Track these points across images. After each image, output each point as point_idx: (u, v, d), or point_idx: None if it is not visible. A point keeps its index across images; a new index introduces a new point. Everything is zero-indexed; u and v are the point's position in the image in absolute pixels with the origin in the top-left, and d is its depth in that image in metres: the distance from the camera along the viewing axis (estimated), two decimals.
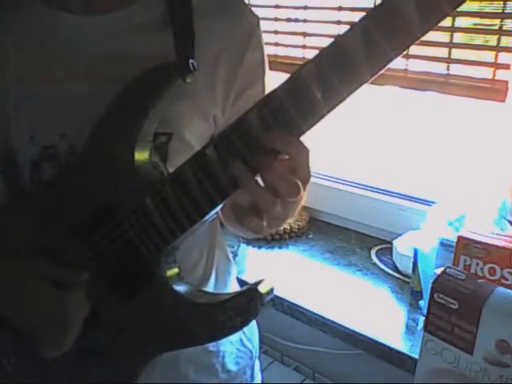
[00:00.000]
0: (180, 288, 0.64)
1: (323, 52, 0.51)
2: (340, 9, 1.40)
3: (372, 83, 0.52)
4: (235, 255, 1.40)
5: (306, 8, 1.48)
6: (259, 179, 0.56)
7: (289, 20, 1.53)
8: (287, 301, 1.22)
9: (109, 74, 0.66)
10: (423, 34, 0.48)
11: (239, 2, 0.76)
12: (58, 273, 0.65)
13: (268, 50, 0.77)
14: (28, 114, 0.68)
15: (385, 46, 0.49)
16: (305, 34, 1.51)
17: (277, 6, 1.54)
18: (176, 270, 0.66)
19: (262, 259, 1.42)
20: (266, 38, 0.76)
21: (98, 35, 0.68)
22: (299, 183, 0.54)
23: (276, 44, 1.57)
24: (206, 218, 0.60)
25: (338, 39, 0.51)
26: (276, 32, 1.56)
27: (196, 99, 0.69)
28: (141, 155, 0.64)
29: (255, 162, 0.54)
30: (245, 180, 0.55)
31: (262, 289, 0.60)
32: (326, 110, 0.52)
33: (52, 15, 0.69)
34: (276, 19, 1.55)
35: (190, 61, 0.64)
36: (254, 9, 0.76)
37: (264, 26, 0.76)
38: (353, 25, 0.50)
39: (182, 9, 0.69)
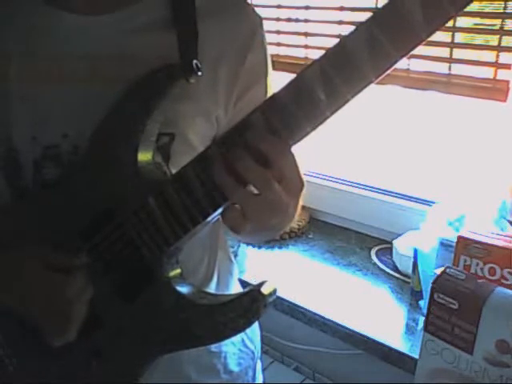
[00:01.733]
0: (182, 289, 0.64)
1: (327, 53, 0.51)
2: (342, 9, 1.40)
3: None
4: (235, 255, 1.40)
5: (307, 8, 1.48)
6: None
7: (290, 20, 1.53)
8: (287, 301, 1.22)
9: (111, 74, 0.66)
10: (428, 35, 0.48)
11: (242, 2, 0.76)
12: (55, 256, 0.64)
13: (270, 50, 0.76)
14: (30, 114, 0.68)
15: (389, 48, 0.49)
16: (307, 34, 1.50)
17: (278, 6, 1.54)
18: (178, 271, 0.66)
19: (262, 259, 1.42)
20: (267, 37, 0.75)
21: (99, 35, 0.68)
22: (283, 194, 0.54)
23: (278, 44, 1.57)
24: (209, 219, 0.60)
25: (343, 41, 0.51)
26: (278, 32, 1.56)
27: (198, 99, 0.69)
28: (144, 156, 0.64)
29: (246, 169, 0.54)
30: (231, 191, 0.55)
31: (265, 290, 0.59)
32: (330, 111, 0.52)
33: (54, 15, 0.69)
34: (278, 19, 1.55)
35: (194, 61, 0.64)
36: (255, 9, 0.76)
37: (266, 25, 0.75)
38: (357, 26, 0.50)
39: (186, 9, 0.68)
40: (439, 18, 0.47)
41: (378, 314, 1.18)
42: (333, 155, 1.63)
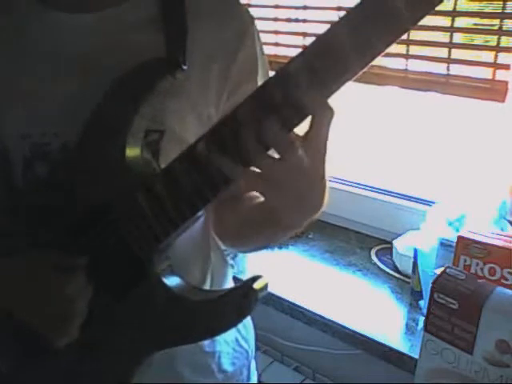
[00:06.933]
0: (172, 282, 0.64)
1: (312, 45, 0.51)
2: (339, 9, 1.40)
3: (372, 83, 0.52)
4: (235, 255, 1.40)
5: (305, 8, 1.48)
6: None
7: (288, 20, 1.53)
8: (287, 301, 1.22)
9: (100, 72, 0.65)
10: (412, 25, 0.48)
11: (232, 1, 0.76)
12: (57, 257, 0.64)
13: (268, 50, 0.76)
14: (19, 113, 0.68)
15: (373, 38, 0.48)
16: (304, 34, 1.51)
17: (276, 6, 1.54)
18: (168, 263, 0.66)
19: (262, 259, 1.42)
20: (265, 38, 0.75)
21: (88, 33, 0.68)
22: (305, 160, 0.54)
23: (276, 44, 1.57)
24: (199, 214, 0.60)
25: (327, 32, 0.50)
26: (276, 32, 1.56)
27: (189, 97, 0.69)
28: (132, 152, 0.64)
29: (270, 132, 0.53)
30: (257, 155, 0.53)
31: (256, 285, 0.60)
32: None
33: (44, 13, 0.69)
34: (276, 19, 1.55)
35: (179, 57, 0.64)
36: (253, 9, 0.77)
37: (264, 26, 0.75)
38: (341, 17, 0.50)
39: (175, 8, 0.69)
40: (423, 6, 0.47)
41: (378, 314, 1.18)
42: (333, 155, 1.62)
